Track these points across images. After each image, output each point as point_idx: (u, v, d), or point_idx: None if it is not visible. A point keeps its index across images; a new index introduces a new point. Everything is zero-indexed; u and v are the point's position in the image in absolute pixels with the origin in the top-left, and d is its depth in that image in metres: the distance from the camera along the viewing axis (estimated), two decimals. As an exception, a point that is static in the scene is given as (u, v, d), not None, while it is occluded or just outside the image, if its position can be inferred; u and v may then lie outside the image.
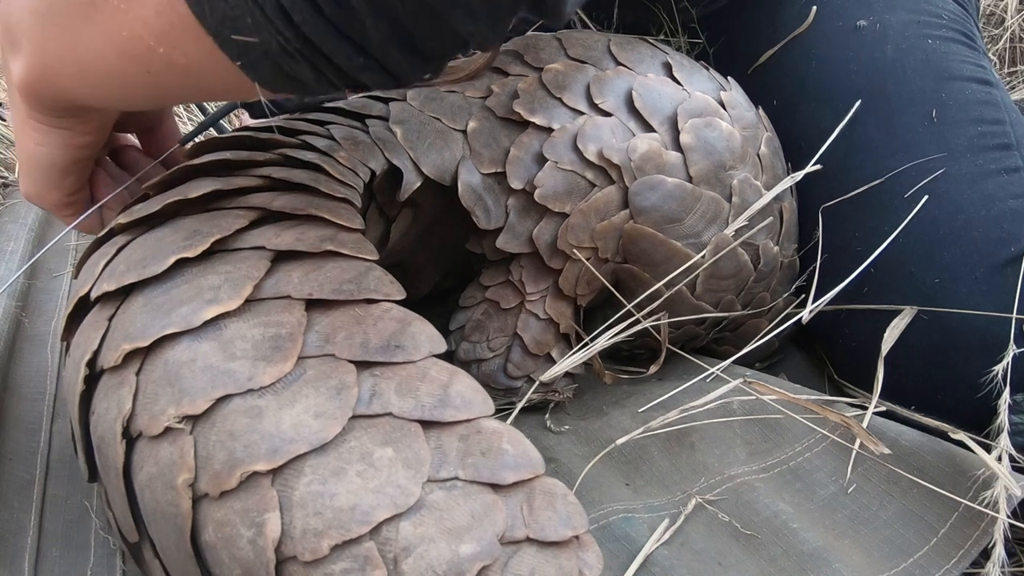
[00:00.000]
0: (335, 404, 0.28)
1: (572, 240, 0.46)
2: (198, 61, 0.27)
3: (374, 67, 0.26)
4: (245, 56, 0.26)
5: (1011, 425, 0.43)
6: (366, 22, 0.24)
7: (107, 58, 0.28)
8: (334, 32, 0.24)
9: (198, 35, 0.25)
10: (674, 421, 0.43)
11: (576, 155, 0.45)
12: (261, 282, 0.31)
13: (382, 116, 0.45)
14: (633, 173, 0.46)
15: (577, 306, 0.49)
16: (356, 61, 0.25)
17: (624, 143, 0.46)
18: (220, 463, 0.27)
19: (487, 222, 0.45)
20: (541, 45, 0.50)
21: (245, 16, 0.24)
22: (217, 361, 0.28)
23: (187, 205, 0.34)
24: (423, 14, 0.24)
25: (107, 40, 0.27)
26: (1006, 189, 0.50)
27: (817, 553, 0.38)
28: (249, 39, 0.25)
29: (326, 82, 0.27)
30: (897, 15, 0.58)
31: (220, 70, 0.27)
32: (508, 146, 0.46)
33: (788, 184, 0.49)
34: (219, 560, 0.27)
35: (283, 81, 0.27)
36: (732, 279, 0.49)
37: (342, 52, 0.25)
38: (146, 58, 0.27)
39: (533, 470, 0.29)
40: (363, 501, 0.26)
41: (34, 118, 0.33)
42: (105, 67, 0.28)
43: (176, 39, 0.26)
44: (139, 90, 0.30)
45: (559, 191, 0.45)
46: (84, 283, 0.33)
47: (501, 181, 0.46)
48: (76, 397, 0.31)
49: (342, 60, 0.25)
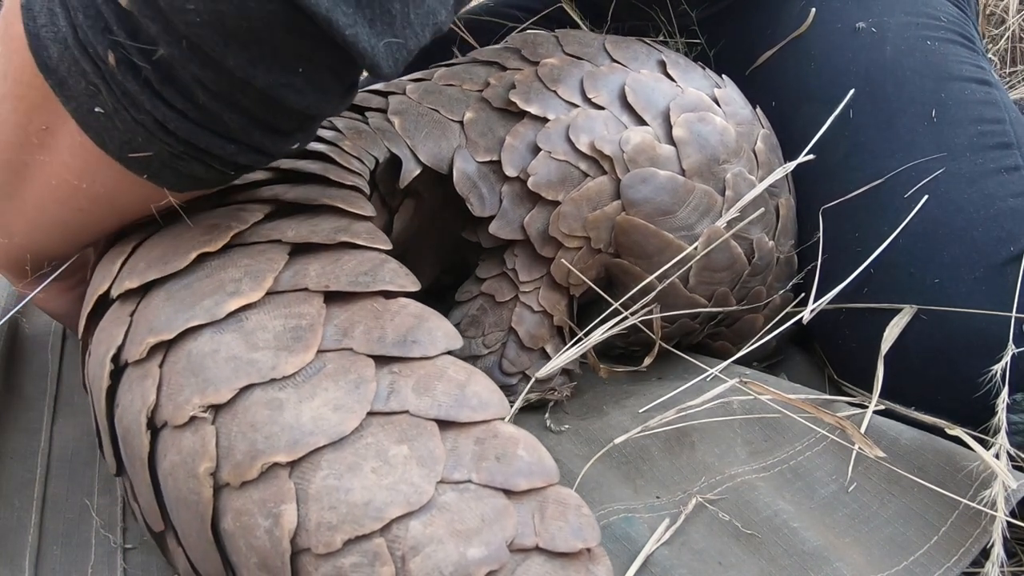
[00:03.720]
0: (353, 398, 0.28)
1: (564, 228, 0.47)
2: (114, 186, 0.32)
3: (247, 150, 0.31)
4: (148, 169, 0.31)
5: (1009, 424, 0.44)
6: (223, 117, 0.29)
7: (47, 208, 0.34)
8: (203, 131, 0.29)
9: (107, 163, 0.30)
10: (672, 420, 0.43)
11: (569, 146, 0.47)
12: (280, 274, 0.32)
13: (380, 108, 0.46)
14: (626, 165, 0.47)
15: (571, 297, 0.50)
16: (229, 149, 0.30)
17: (616, 136, 0.47)
18: (242, 453, 0.27)
19: (482, 209, 0.47)
20: (539, 42, 0.51)
21: (136, 136, 0.29)
22: (240, 351, 0.29)
23: (201, 200, 0.35)
24: (264, 101, 0.28)
25: (43, 190, 0.33)
26: (1006, 188, 0.51)
27: (817, 552, 0.38)
28: (146, 154, 0.30)
29: (216, 172, 0.32)
30: (896, 17, 0.59)
31: (135, 188, 0.32)
32: (504, 135, 0.47)
33: (780, 174, 0.50)
34: (237, 548, 0.28)
35: (186, 181, 0.32)
36: (726, 272, 0.50)
37: (216, 144, 0.30)
38: (75, 197, 0.33)
39: (547, 478, 0.29)
40: (377, 497, 0.27)
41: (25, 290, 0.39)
42: (48, 216, 0.34)
43: (92, 172, 0.31)
44: (79, 229, 0.35)
45: (552, 180, 0.46)
46: (102, 282, 0.34)
47: (496, 169, 0.47)
48: (102, 393, 0.32)
49: (219, 151, 0.30)
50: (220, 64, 0.26)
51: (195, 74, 0.27)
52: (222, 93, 0.28)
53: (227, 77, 0.27)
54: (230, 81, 0.27)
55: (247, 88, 0.28)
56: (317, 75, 0.28)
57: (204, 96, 0.28)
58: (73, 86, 0.28)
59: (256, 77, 0.27)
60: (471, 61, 0.52)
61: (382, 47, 0.27)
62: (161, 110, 0.28)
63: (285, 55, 0.27)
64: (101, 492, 0.43)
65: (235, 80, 0.27)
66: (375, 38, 0.26)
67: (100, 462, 0.44)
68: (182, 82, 0.27)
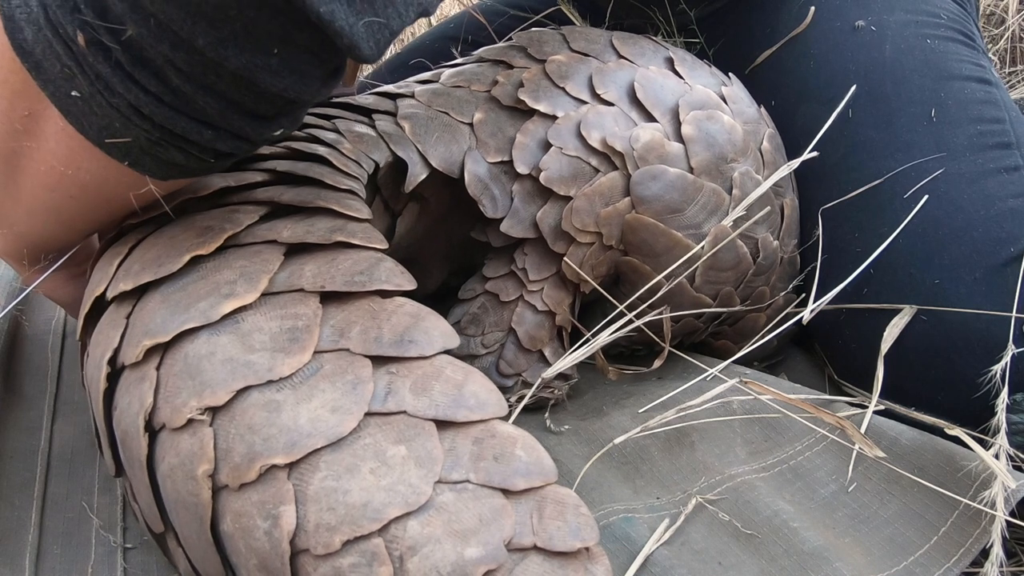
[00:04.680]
0: (351, 399, 0.29)
1: (577, 223, 0.47)
2: (100, 172, 0.32)
3: (225, 135, 0.30)
4: (128, 155, 0.30)
5: (1009, 424, 0.44)
6: (199, 101, 0.28)
7: (39, 195, 0.33)
8: (179, 115, 0.28)
9: (89, 149, 0.30)
10: (672, 420, 0.44)
11: (580, 142, 0.47)
12: (275, 275, 0.32)
13: (390, 112, 0.46)
14: (636, 162, 0.47)
15: (577, 294, 0.50)
16: (207, 134, 0.29)
17: (627, 132, 0.47)
18: (240, 456, 0.28)
19: (494, 211, 0.47)
20: (545, 39, 0.51)
21: (113, 121, 0.29)
22: (236, 353, 0.29)
23: (196, 202, 0.35)
24: (238, 83, 0.28)
25: (34, 179, 0.32)
26: (1006, 188, 0.51)
27: (817, 552, 0.38)
28: (124, 140, 0.29)
29: (195, 159, 0.31)
30: (896, 15, 0.59)
31: (119, 175, 0.32)
32: (513, 135, 0.47)
33: (785, 172, 0.50)
34: (237, 549, 0.28)
35: (166, 168, 0.31)
36: (731, 271, 0.50)
37: (193, 130, 0.29)
38: (63, 184, 0.32)
39: (545, 478, 0.29)
40: (375, 498, 0.27)
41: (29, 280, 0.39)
42: (41, 204, 0.34)
43: (76, 158, 0.31)
44: (74, 217, 0.35)
45: (564, 175, 0.46)
46: (99, 283, 0.34)
47: (507, 170, 0.47)
48: (99, 395, 0.32)
49: (196, 137, 0.29)
50: (190, 44, 0.26)
51: (166, 55, 0.26)
52: (195, 75, 0.27)
53: (198, 58, 0.26)
54: (202, 62, 0.26)
55: (220, 70, 0.27)
56: (294, 57, 0.27)
57: (177, 79, 0.27)
58: (49, 69, 0.28)
59: (228, 58, 0.26)
60: (477, 60, 0.52)
61: (361, 27, 0.26)
62: (135, 93, 0.27)
63: (258, 35, 0.26)
64: (101, 491, 0.43)
65: (207, 61, 0.26)
66: (353, 16, 0.26)
67: (100, 461, 0.45)
68: (154, 64, 0.27)
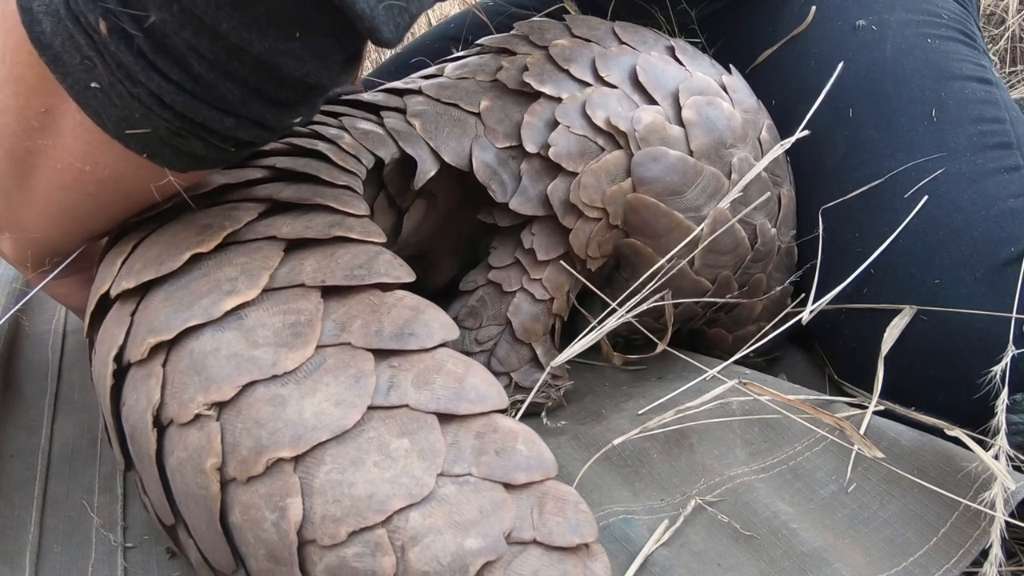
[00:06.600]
0: (354, 392, 0.29)
1: (584, 199, 0.48)
2: (117, 167, 0.32)
3: (246, 123, 0.30)
4: (147, 147, 0.30)
5: (1009, 425, 0.44)
6: (221, 88, 0.28)
7: (54, 195, 0.33)
8: (200, 103, 0.29)
9: (108, 143, 0.30)
10: (671, 422, 0.44)
11: (586, 121, 0.48)
12: (276, 271, 0.33)
13: (398, 108, 0.47)
14: (638, 143, 0.48)
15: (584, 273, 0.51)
16: (228, 122, 0.30)
17: (630, 112, 0.48)
18: (247, 449, 0.28)
19: (504, 195, 0.48)
20: (546, 27, 0.52)
21: (133, 111, 0.29)
22: (241, 349, 0.30)
23: (196, 199, 0.36)
24: (261, 69, 0.28)
25: (50, 177, 0.33)
26: (1006, 188, 0.51)
27: (817, 553, 0.39)
28: (143, 130, 0.29)
29: (216, 149, 0.31)
30: (896, 15, 0.60)
31: (138, 169, 0.32)
32: (520, 119, 0.48)
33: (779, 152, 0.51)
34: (245, 540, 0.29)
35: (185, 159, 0.31)
36: (730, 255, 0.51)
37: (214, 118, 0.29)
38: (81, 181, 0.32)
39: (545, 472, 0.30)
40: (379, 490, 0.28)
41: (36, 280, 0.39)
42: (56, 204, 0.34)
43: (94, 153, 0.31)
44: (90, 216, 0.35)
45: (572, 152, 0.47)
46: (104, 281, 0.35)
47: (516, 155, 0.48)
48: (107, 391, 0.33)
49: (217, 125, 0.30)
50: (214, 29, 0.26)
51: (189, 41, 0.26)
52: (218, 61, 0.27)
53: (222, 43, 0.26)
54: (225, 48, 0.27)
55: (244, 56, 0.27)
56: (316, 41, 0.28)
57: (200, 66, 0.27)
58: (68, 61, 0.28)
59: (252, 43, 0.26)
60: (479, 51, 0.53)
61: (382, 9, 0.26)
62: (156, 82, 0.28)
63: (281, 19, 0.26)
64: (101, 490, 0.43)
65: (231, 47, 0.27)
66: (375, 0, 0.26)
67: (100, 460, 0.45)
68: (176, 51, 0.27)
